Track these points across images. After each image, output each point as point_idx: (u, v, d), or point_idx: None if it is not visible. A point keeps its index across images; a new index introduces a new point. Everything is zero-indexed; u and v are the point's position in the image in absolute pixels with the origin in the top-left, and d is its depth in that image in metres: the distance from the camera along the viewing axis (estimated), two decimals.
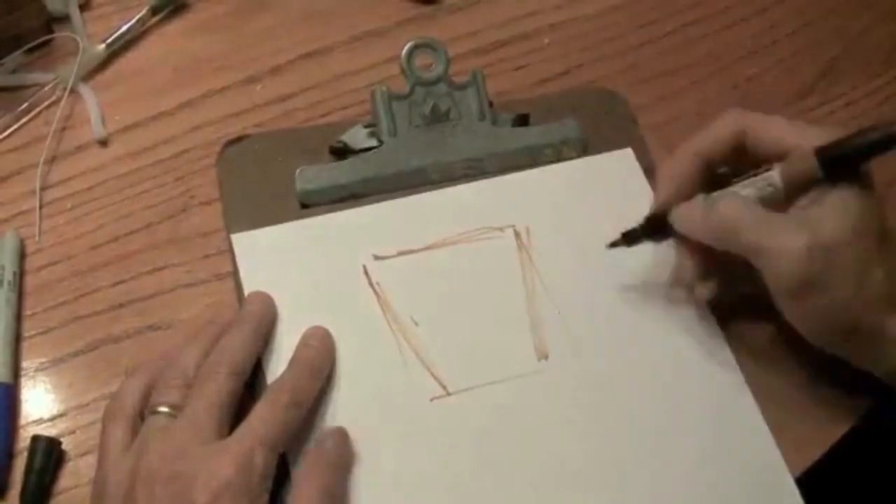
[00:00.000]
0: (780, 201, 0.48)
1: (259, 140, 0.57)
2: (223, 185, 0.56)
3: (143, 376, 0.47)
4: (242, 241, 0.53)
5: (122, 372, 0.50)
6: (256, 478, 0.42)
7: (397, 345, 0.51)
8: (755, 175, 0.48)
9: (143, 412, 0.46)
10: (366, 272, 0.53)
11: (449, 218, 0.55)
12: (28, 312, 0.53)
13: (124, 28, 0.63)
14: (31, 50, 0.62)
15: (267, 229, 0.53)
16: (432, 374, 0.50)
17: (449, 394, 0.50)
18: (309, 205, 0.55)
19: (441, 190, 0.56)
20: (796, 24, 0.69)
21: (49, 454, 0.47)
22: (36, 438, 0.48)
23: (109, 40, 0.62)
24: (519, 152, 0.58)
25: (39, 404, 0.50)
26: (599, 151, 0.59)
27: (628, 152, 0.59)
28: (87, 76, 0.62)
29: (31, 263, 0.54)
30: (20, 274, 0.53)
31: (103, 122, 0.59)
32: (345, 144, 0.57)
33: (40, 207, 0.56)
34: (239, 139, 0.57)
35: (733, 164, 0.51)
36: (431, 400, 0.49)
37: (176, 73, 0.63)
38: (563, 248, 0.55)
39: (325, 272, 0.52)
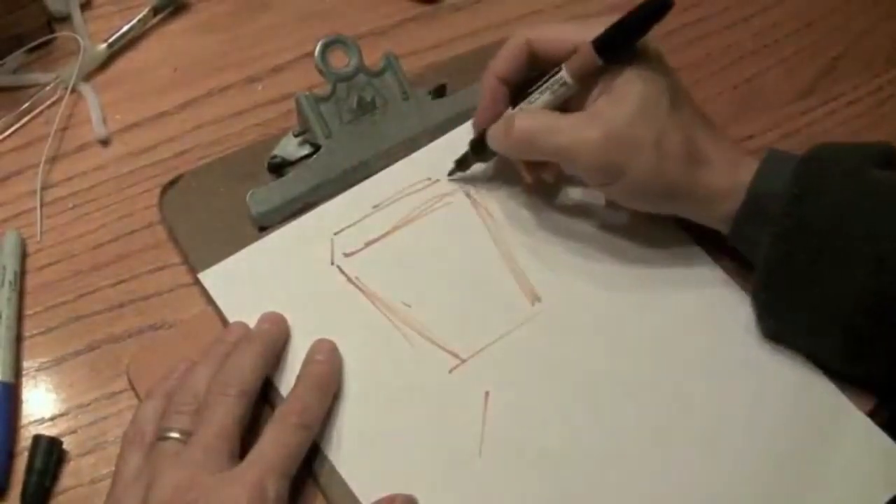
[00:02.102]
0: (578, 98, 0.51)
1: (195, 176, 0.56)
2: (173, 228, 0.54)
3: (158, 400, 0.47)
4: (211, 277, 0.52)
5: (124, 372, 0.50)
6: None
7: (398, 330, 0.51)
8: (549, 78, 0.51)
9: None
10: (342, 271, 0.53)
11: (398, 198, 0.56)
12: (29, 312, 0.53)
13: (125, 28, 0.63)
14: (32, 50, 0.62)
15: (232, 258, 0.53)
16: (442, 348, 0.51)
17: (464, 360, 0.51)
18: (267, 226, 0.54)
19: (380, 174, 0.57)
20: (797, 23, 0.69)
21: (50, 454, 0.47)
22: (37, 438, 0.48)
23: (110, 40, 0.63)
24: (450, 121, 0.59)
25: (40, 404, 0.50)
26: None
27: None
28: (89, 76, 0.62)
29: (32, 263, 0.54)
30: (21, 273, 0.53)
31: (104, 121, 0.60)
32: (282, 158, 0.56)
33: (41, 207, 0.56)
34: (174, 181, 0.56)
35: (537, 73, 0.53)
36: (450, 371, 0.50)
37: (177, 72, 0.63)
38: (516, 192, 0.56)
39: (302, 283, 0.52)
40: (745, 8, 0.69)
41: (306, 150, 0.57)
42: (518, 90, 0.53)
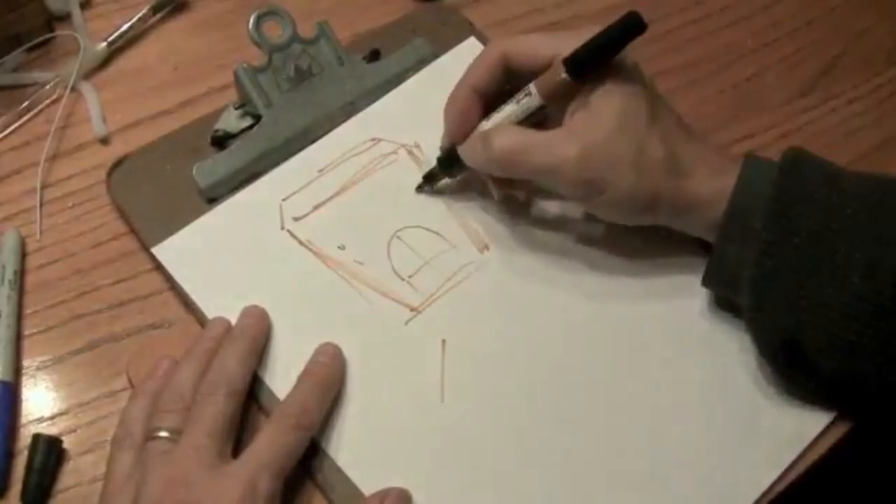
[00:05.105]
0: (551, 114, 0.50)
1: (140, 156, 0.57)
2: (124, 208, 0.55)
3: (144, 400, 0.47)
4: (165, 250, 0.53)
5: (124, 370, 0.50)
6: (261, 503, 0.42)
7: (353, 288, 0.53)
8: (519, 93, 0.50)
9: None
10: (292, 235, 0.54)
11: (343, 160, 0.57)
12: (29, 311, 0.53)
13: (125, 26, 0.63)
14: (32, 48, 0.62)
15: (183, 231, 0.54)
16: (397, 301, 0.52)
17: (419, 311, 0.52)
18: (215, 198, 0.55)
19: (323, 139, 0.58)
20: (797, 22, 0.69)
21: (50, 453, 0.47)
22: (37, 437, 0.48)
23: (110, 39, 0.62)
24: (386, 83, 0.60)
25: (40, 403, 0.50)
26: None
27: (472, 41, 0.63)
28: (88, 74, 0.62)
29: (31, 262, 0.54)
30: (21, 272, 0.53)
31: (104, 120, 0.60)
32: (224, 132, 0.57)
33: (41, 206, 0.56)
34: (120, 162, 0.57)
35: (510, 87, 0.52)
36: (406, 323, 0.52)
37: (177, 71, 0.63)
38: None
39: (255, 250, 0.53)
40: (745, 7, 0.69)
41: (248, 121, 0.58)
42: (491, 104, 0.53)
